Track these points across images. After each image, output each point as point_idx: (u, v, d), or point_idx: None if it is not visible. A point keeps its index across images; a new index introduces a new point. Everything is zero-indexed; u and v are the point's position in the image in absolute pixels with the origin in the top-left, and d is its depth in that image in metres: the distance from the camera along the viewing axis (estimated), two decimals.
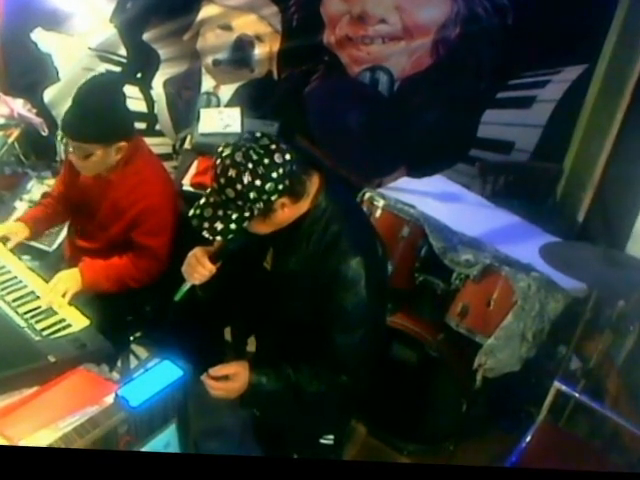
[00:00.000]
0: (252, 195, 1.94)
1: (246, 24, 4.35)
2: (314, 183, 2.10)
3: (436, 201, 3.50)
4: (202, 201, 2.04)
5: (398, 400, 3.21)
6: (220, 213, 1.99)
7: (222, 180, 1.95)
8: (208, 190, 2.05)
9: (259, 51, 4.40)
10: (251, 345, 2.71)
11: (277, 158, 1.94)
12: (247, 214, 1.98)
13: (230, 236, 2.02)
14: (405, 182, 3.75)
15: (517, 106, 4.07)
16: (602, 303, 3.08)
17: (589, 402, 2.83)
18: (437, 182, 3.80)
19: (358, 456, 3.16)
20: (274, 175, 1.94)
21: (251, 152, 1.93)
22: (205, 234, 2.02)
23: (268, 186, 1.94)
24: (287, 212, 2.04)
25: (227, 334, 3.09)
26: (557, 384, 2.83)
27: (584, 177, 3.97)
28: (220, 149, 1.99)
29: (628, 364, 3.20)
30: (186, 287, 2.19)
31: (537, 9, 3.77)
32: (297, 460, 2.36)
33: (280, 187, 1.96)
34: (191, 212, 2.04)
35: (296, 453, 2.49)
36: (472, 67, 4.05)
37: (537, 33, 3.80)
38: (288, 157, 1.97)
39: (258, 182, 1.92)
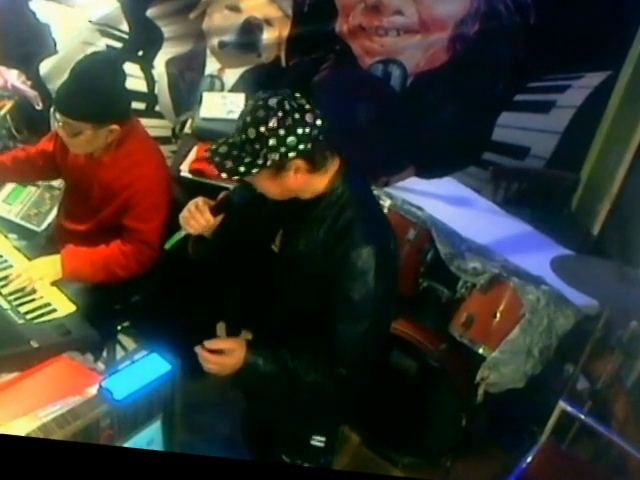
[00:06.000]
0: (271, 142, 1.93)
1: (255, 6, 4.26)
2: (334, 164, 2.09)
3: (445, 204, 3.46)
4: (222, 140, 2.05)
5: (395, 410, 3.15)
6: (234, 153, 2.00)
7: (248, 118, 1.95)
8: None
9: (267, 35, 4.31)
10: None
11: (308, 118, 1.94)
12: (260, 161, 1.97)
13: (235, 177, 2.01)
14: (413, 182, 3.71)
15: (535, 110, 4.03)
16: (613, 322, 3.03)
17: (595, 425, 2.79)
18: (447, 184, 3.75)
19: (350, 466, 3.12)
20: (299, 131, 1.93)
21: (285, 102, 1.94)
22: (214, 166, 2.03)
23: (290, 139, 1.92)
24: (299, 178, 2.02)
25: (219, 330, 3.09)
26: (562, 404, 2.80)
27: (601, 188, 3.94)
28: (257, 93, 2.01)
29: (638, 387, 3.17)
30: (180, 235, 2.19)
31: (561, 10, 3.70)
32: (287, 466, 2.30)
33: (301, 147, 1.95)
34: (212, 147, 2.06)
35: (285, 453, 2.46)
36: (490, 66, 4.00)
37: (560, 35, 3.73)
38: (319, 123, 1.96)
39: (282, 131, 1.92)
